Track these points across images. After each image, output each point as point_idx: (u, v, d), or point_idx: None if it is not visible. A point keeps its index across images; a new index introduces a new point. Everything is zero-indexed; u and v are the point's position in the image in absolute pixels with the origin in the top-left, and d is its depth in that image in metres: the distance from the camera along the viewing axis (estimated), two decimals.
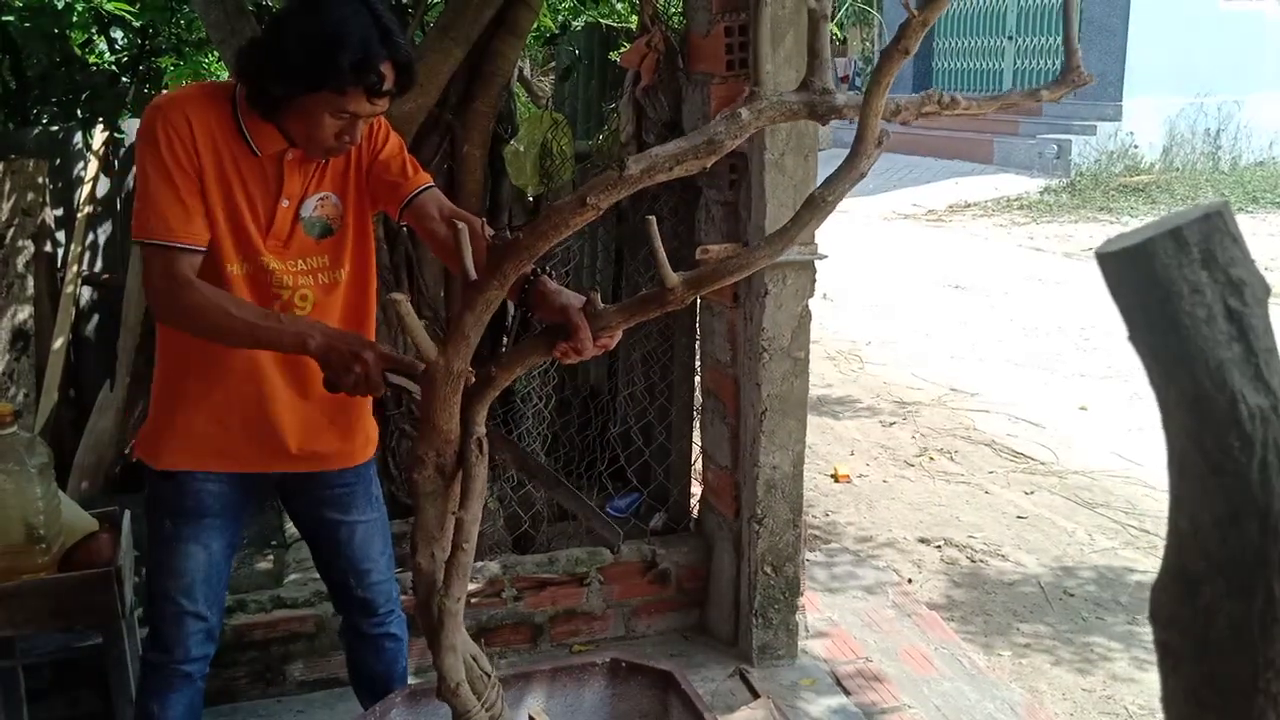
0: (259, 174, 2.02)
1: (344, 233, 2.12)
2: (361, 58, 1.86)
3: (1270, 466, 0.75)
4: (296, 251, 2.07)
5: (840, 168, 1.37)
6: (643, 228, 1.46)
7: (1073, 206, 11.73)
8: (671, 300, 1.52)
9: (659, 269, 1.48)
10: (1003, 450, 5.21)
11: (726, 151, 1.41)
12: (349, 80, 1.87)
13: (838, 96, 1.37)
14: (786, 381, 3.05)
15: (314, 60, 1.86)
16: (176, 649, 2.18)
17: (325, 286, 2.11)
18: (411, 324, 1.50)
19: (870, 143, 1.34)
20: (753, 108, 1.37)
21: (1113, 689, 3.21)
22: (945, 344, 7.09)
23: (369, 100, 1.91)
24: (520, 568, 3.24)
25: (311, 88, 1.89)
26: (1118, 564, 4.00)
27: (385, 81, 1.90)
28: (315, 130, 1.94)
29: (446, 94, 3.30)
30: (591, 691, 2.19)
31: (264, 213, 2.04)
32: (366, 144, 2.12)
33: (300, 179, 2.06)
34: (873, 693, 3.07)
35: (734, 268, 1.51)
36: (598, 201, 1.40)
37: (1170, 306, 0.73)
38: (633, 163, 1.38)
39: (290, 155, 2.03)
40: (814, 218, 1.40)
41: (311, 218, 2.08)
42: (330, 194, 2.10)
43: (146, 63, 4.95)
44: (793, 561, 3.16)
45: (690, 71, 3.23)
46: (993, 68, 15.39)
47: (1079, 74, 1.46)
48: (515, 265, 1.48)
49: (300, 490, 2.27)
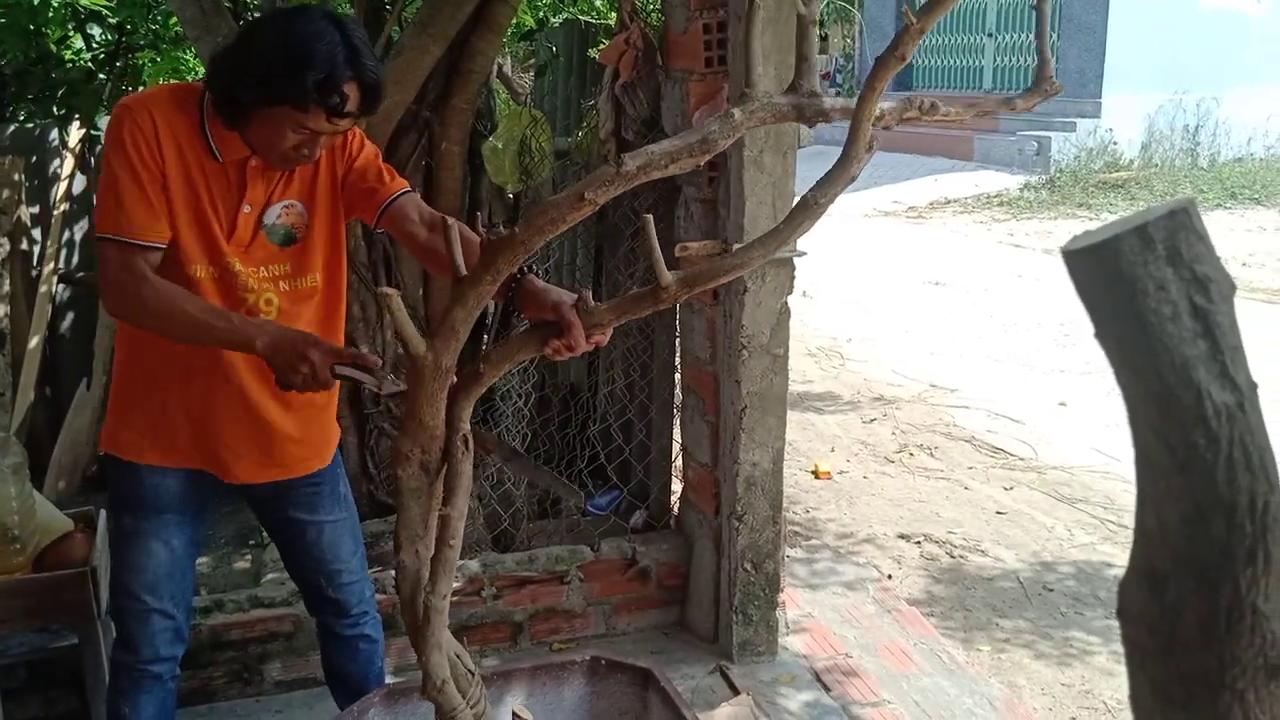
0: (222, 179, 2.03)
1: (309, 241, 2.12)
2: (325, 77, 1.86)
3: (1236, 463, 0.75)
4: (259, 258, 2.07)
5: (832, 171, 1.38)
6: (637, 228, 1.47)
7: (1052, 203, 11.78)
8: (665, 298, 1.53)
9: (655, 267, 1.48)
10: (982, 446, 5.23)
11: (720, 150, 1.42)
12: (311, 98, 1.87)
13: (825, 101, 1.38)
14: (766, 378, 3.05)
15: (278, 75, 1.87)
16: (143, 648, 2.17)
17: (289, 294, 2.11)
18: (400, 319, 1.50)
19: (862, 146, 1.35)
20: (745, 109, 1.38)
21: (1091, 683, 3.22)
22: (925, 340, 7.11)
23: (329, 120, 1.91)
24: (500, 566, 3.23)
25: (274, 102, 1.89)
26: (1096, 559, 4.02)
27: (348, 103, 1.90)
28: (276, 142, 1.95)
29: (425, 91, 3.29)
30: (571, 689, 2.19)
31: (226, 217, 2.04)
32: (340, 153, 2.12)
33: (264, 186, 2.06)
34: (852, 688, 3.08)
35: (728, 267, 1.52)
36: (595, 197, 1.41)
37: (1136, 303, 0.73)
38: (630, 159, 1.40)
39: (254, 162, 2.03)
40: (806, 219, 1.41)
41: (274, 225, 2.08)
42: (296, 202, 2.10)
43: (123, 59, 4.92)
44: (773, 558, 3.17)
45: (669, 68, 3.22)
46: (972, 65, 15.45)
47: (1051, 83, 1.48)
48: (509, 260, 1.48)
49: (266, 492, 2.27)
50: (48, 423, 4.00)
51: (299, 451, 2.21)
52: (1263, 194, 11.58)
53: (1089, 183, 12.30)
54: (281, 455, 2.19)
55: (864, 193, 12.44)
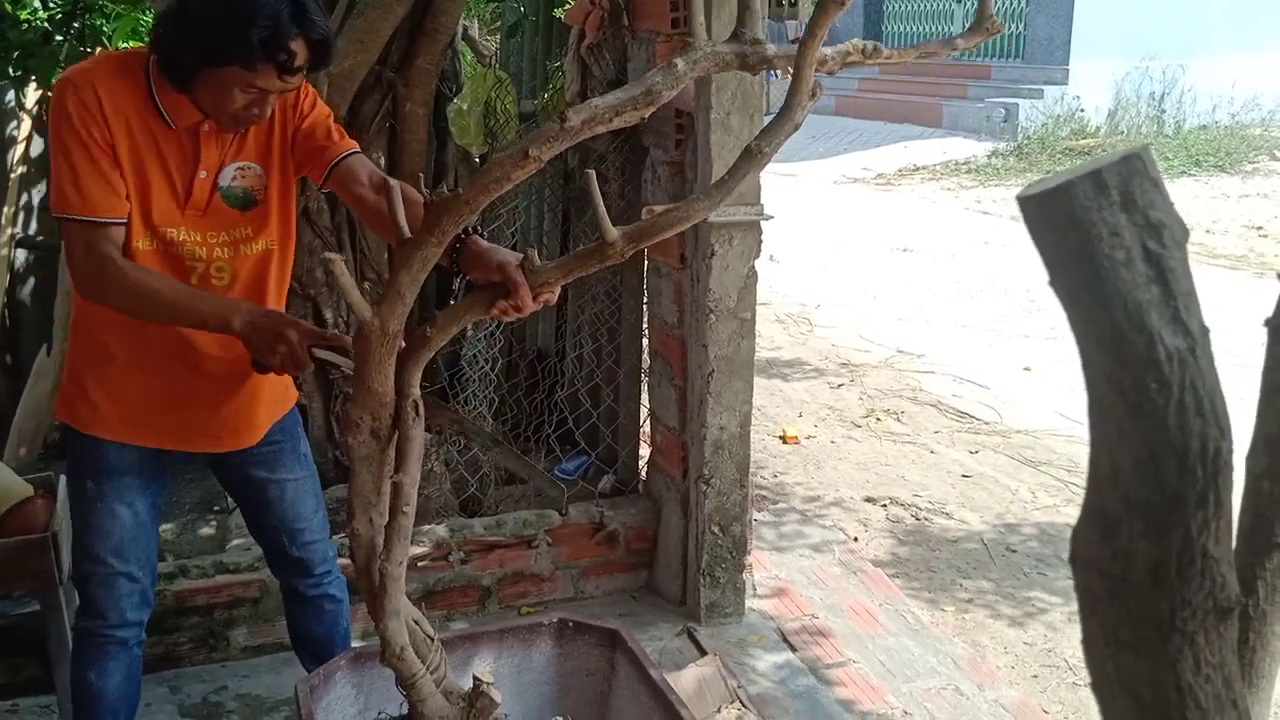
0: (175, 145, 1.98)
1: (268, 203, 2.09)
2: (271, 34, 1.82)
3: (1188, 408, 0.76)
4: (217, 223, 2.04)
5: (775, 119, 1.37)
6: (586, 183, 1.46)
7: (1019, 170, 11.83)
8: (611, 254, 1.51)
9: (599, 223, 1.47)
10: (948, 411, 5.27)
11: (664, 101, 1.40)
12: (257, 56, 1.83)
13: (769, 47, 1.37)
14: (733, 343, 3.05)
15: (221, 34, 1.83)
16: (110, 612, 2.15)
17: (246, 258, 2.08)
18: (344, 283, 1.48)
19: (805, 93, 1.34)
20: (687, 58, 1.37)
21: (1053, 641, 3.27)
22: (893, 306, 7.14)
23: (279, 77, 1.87)
24: (468, 531, 3.23)
25: (219, 62, 1.85)
26: (1059, 521, 4.07)
27: (296, 59, 1.86)
28: (225, 103, 1.91)
29: (388, 51, 3.25)
30: (539, 652, 2.20)
31: (181, 184, 2.00)
32: (292, 111, 2.09)
33: (217, 149, 2.02)
34: (818, 648, 3.10)
35: (672, 221, 1.51)
36: (540, 153, 1.39)
37: (1089, 249, 0.74)
38: (573, 114, 1.38)
39: (207, 126, 1.99)
40: (750, 169, 1.41)
41: (230, 187, 2.04)
42: (252, 164, 2.06)
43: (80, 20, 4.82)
44: (740, 521, 3.18)
45: (635, 29, 3.20)
46: (942, 31, 15.42)
47: (992, 22, 1.48)
48: (454, 220, 1.46)
49: (227, 455, 2.24)
50: (8, 389, 3.95)
51: (261, 416, 2.20)
52: (1226, 161, 11.68)
53: (1056, 149, 12.36)
54: (241, 424, 2.17)
55: (833, 159, 12.46)
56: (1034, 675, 3.11)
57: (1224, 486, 0.79)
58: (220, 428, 2.16)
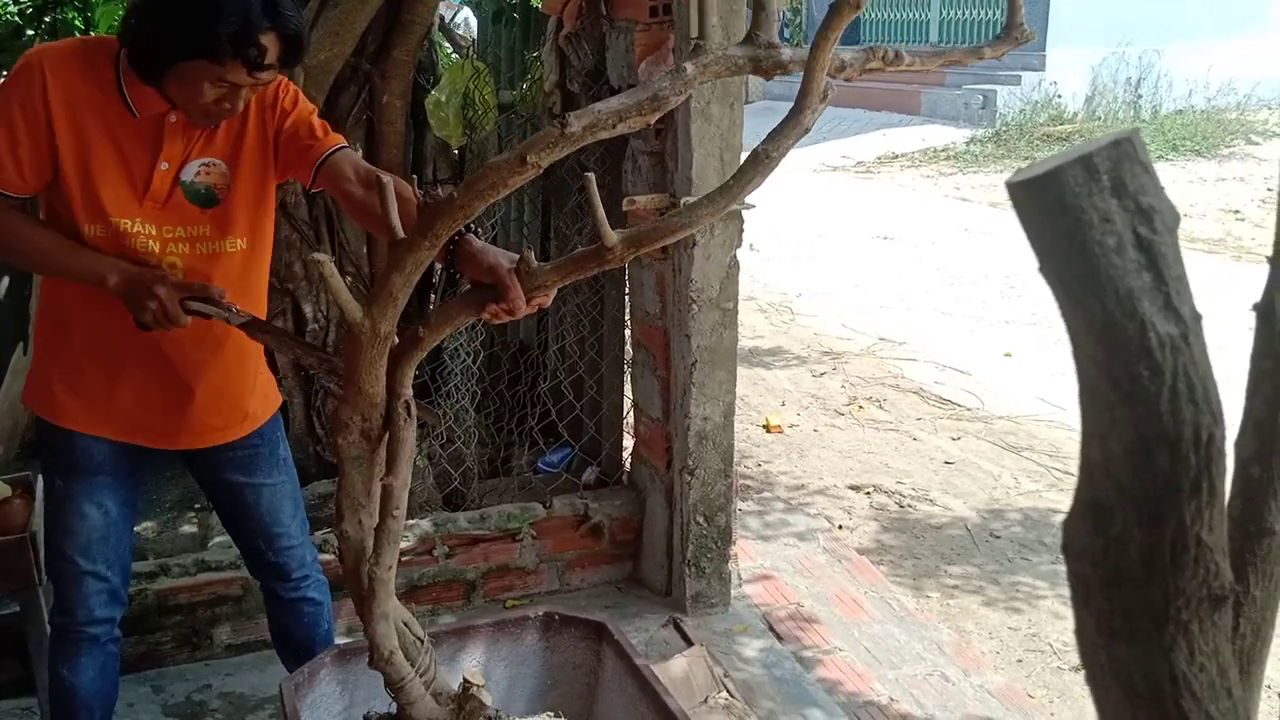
0: (136, 135, 1.95)
1: (231, 202, 2.04)
2: (240, 29, 1.78)
3: (1180, 395, 0.75)
4: (175, 218, 2.00)
5: (784, 122, 1.34)
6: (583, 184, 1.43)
7: (998, 156, 11.85)
8: (610, 259, 1.48)
9: (599, 228, 1.44)
10: (930, 398, 5.28)
11: (671, 108, 1.37)
12: (226, 51, 1.80)
13: (784, 51, 1.34)
14: (716, 332, 3.04)
15: (190, 29, 1.79)
16: (78, 610, 2.13)
17: (204, 256, 2.04)
18: (335, 284, 1.46)
19: (815, 96, 1.31)
20: (698, 62, 1.33)
21: (1038, 626, 3.28)
22: (874, 294, 7.15)
23: (249, 73, 1.84)
24: (452, 525, 3.21)
25: (188, 56, 1.82)
26: (1043, 505, 4.08)
27: (266, 55, 1.83)
28: (195, 97, 1.88)
29: (364, 42, 3.22)
30: (525, 645, 2.18)
31: (139, 174, 1.97)
32: (271, 111, 2.04)
33: (182, 142, 1.98)
34: (805, 637, 3.11)
35: (675, 226, 1.48)
36: (538, 160, 1.35)
37: (1080, 235, 0.73)
38: (575, 119, 1.34)
39: (174, 118, 1.96)
40: (759, 173, 1.38)
41: (192, 182, 2.01)
42: (217, 161, 2.02)
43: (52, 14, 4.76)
44: (724, 511, 3.18)
45: (614, 18, 3.18)
46: (919, 18, 15.44)
47: (1022, 30, 1.45)
48: (448, 225, 1.43)
49: (204, 455, 2.22)
50: None
51: (233, 414, 2.17)
52: (1203, 145, 11.72)
53: (1034, 136, 12.38)
54: (213, 420, 2.15)
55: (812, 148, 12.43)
56: (1019, 660, 3.12)
57: (1217, 474, 0.78)
58: (181, 424, 2.12)
